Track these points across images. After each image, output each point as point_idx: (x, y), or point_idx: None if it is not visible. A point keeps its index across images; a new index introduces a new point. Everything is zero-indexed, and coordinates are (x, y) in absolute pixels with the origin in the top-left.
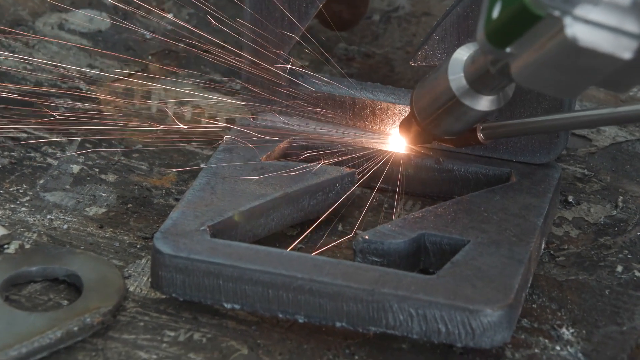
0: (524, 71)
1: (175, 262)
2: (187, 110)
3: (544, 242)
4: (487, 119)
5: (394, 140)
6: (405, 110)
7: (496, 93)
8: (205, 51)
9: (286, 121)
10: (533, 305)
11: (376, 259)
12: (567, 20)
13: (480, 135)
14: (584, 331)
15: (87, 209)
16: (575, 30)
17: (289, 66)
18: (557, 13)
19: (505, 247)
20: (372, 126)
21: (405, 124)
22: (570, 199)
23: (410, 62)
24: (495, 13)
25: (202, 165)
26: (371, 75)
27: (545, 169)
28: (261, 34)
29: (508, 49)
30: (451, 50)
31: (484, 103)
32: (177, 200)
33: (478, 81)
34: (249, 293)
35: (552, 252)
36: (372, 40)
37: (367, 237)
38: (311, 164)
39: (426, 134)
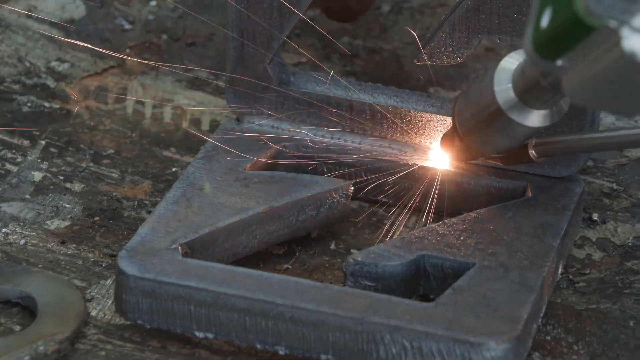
0: (577, 87)
1: (142, 284)
2: (167, 111)
3: (561, 266)
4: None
5: (436, 155)
6: (409, 114)
7: (549, 107)
8: (191, 44)
9: (275, 125)
10: (546, 337)
11: (369, 283)
12: (625, 32)
13: (532, 153)
14: None
15: (49, 221)
16: (634, 43)
17: (270, 59)
18: (613, 24)
19: (515, 271)
20: (371, 132)
21: (447, 138)
22: (595, 217)
23: (415, 61)
24: (545, 22)
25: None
26: (377, 74)
27: (566, 182)
28: (248, 25)
29: (559, 62)
30: (460, 47)
31: (534, 118)
32: (150, 213)
33: (528, 94)
34: (223, 320)
35: (571, 277)
36: (379, 33)
37: (359, 258)
38: (301, 175)
39: (471, 150)
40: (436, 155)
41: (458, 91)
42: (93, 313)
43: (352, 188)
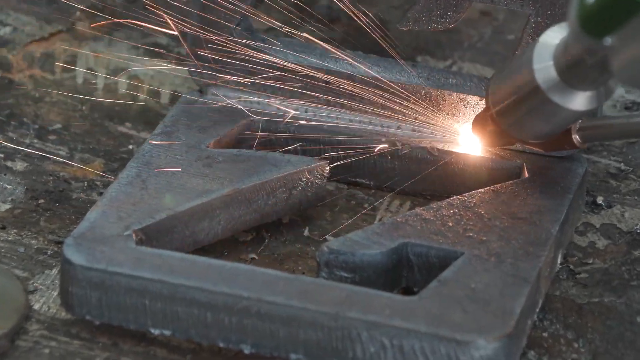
0: (627, 69)
1: (90, 275)
2: (123, 81)
3: (561, 255)
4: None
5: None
6: (392, 86)
7: (595, 88)
8: (150, 6)
9: (243, 97)
10: (543, 334)
11: (345, 275)
12: None
13: (576, 138)
14: None
15: None
16: None
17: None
18: None
19: (508, 261)
20: (350, 105)
21: (479, 121)
22: (600, 200)
23: (398, 25)
24: None
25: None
26: (359, 41)
27: (566, 162)
28: None
29: (607, 40)
30: (449, 11)
31: (578, 100)
32: (101, 195)
33: (571, 73)
34: (182, 316)
35: (571, 267)
36: None
37: (334, 246)
38: (271, 153)
39: (506, 135)
40: (419, 131)
41: (448, 60)
42: (36, 306)
43: (328, 168)
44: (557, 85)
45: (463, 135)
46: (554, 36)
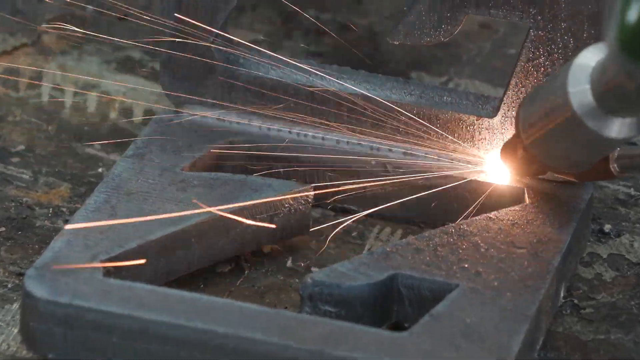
0: None
1: (53, 310)
2: (92, 99)
3: (564, 288)
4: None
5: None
6: (384, 105)
7: (635, 115)
8: (123, 17)
9: (221, 117)
10: None
11: (330, 309)
12: None
13: (614, 167)
14: None
15: None
16: None
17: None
18: None
19: (506, 294)
20: (338, 125)
21: (509, 148)
22: (607, 228)
23: (388, 39)
24: (632, 16)
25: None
26: (348, 55)
27: (570, 187)
28: None
29: None
30: (441, 23)
31: (617, 128)
32: (67, 222)
33: (609, 98)
34: (153, 354)
35: (576, 301)
36: (352, 5)
37: (319, 278)
38: (251, 177)
39: (538, 163)
40: (411, 153)
41: (444, 76)
42: None
43: (313, 193)
44: (594, 111)
45: (459, 158)
46: (591, 57)
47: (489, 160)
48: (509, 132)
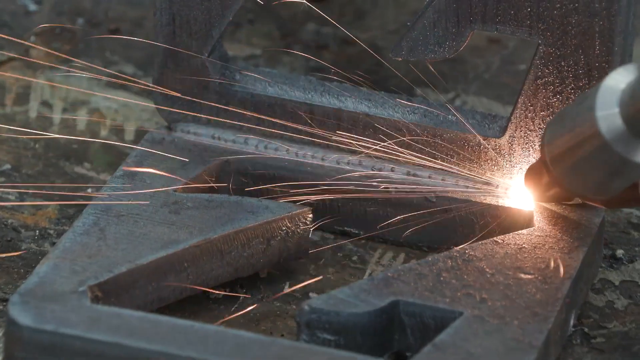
0: None
1: (38, 338)
2: (82, 116)
3: (574, 317)
4: None
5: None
6: (384, 123)
7: None
8: (114, 31)
9: (216, 135)
10: None
11: (329, 337)
12: None
13: None
14: None
15: None
16: None
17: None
18: None
19: (512, 323)
20: (338, 145)
21: (533, 173)
22: (620, 254)
23: (391, 55)
24: None
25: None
26: (350, 71)
27: (581, 210)
28: (181, 8)
29: None
30: (446, 39)
31: None
32: (54, 246)
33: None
34: None
35: (586, 330)
36: (355, 19)
37: (316, 304)
38: (247, 198)
39: (564, 190)
40: (414, 174)
41: (451, 93)
42: None
43: (312, 215)
44: (623, 136)
45: (464, 179)
46: (620, 80)
47: (495, 182)
48: (517, 153)
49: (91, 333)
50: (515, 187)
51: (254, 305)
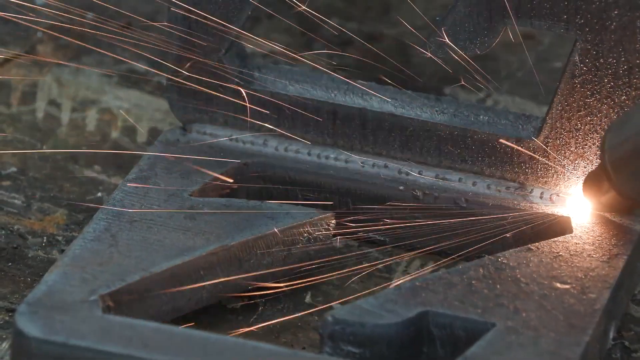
0: None
1: (47, 349)
2: (92, 116)
3: (613, 329)
4: None
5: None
6: (415, 125)
7: None
8: (125, 26)
9: (234, 136)
10: None
11: (354, 350)
12: None
13: None
14: None
15: None
16: None
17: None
18: None
19: (548, 335)
20: (361, 147)
21: (593, 181)
22: None
23: (420, 50)
24: None
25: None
26: (375, 69)
27: (620, 216)
28: (197, 2)
29: None
30: (478, 35)
31: None
32: (63, 253)
33: None
34: None
35: (627, 343)
36: (380, 14)
37: (341, 315)
38: (267, 203)
39: (626, 198)
40: (443, 178)
41: (482, 93)
42: None
43: (335, 221)
44: None
45: (496, 183)
46: None
47: (530, 186)
48: (552, 155)
49: (103, 345)
50: (550, 192)
51: (277, 320)
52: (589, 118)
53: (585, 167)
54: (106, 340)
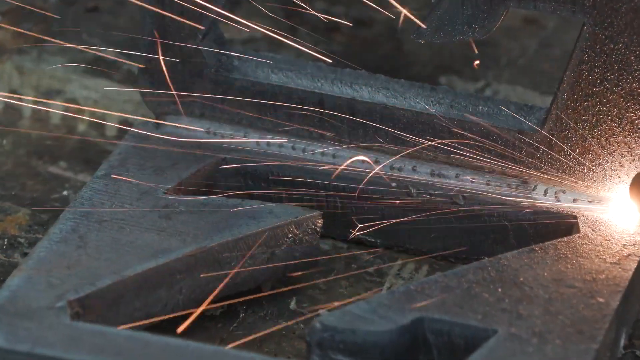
0: None
1: (11, 359)
2: (56, 107)
3: (624, 336)
4: None
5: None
6: (409, 117)
7: None
8: (92, 10)
9: (212, 129)
10: None
11: (344, 359)
12: None
13: None
14: None
15: None
16: None
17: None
18: None
19: (554, 343)
20: (350, 140)
21: None
22: None
23: (413, 37)
24: None
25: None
26: (365, 56)
27: (630, 215)
28: None
29: None
30: (477, 18)
31: None
32: (26, 256)
33: None
34: None
35: (638, 353)
36: None
37: (330, 322)
38: (248, 201)
39: None
40: (439, 174)
41: (480, 82)
42: None
43: (322, 220)
44: None
45: (496, 179)
46: None
47: (533, 182)
48: (557, 149)
49: (71, 354)
50: (555, 189)
51: (260, 330)
52: (597, 108)
53: (593, 161)
54: (75, 349)
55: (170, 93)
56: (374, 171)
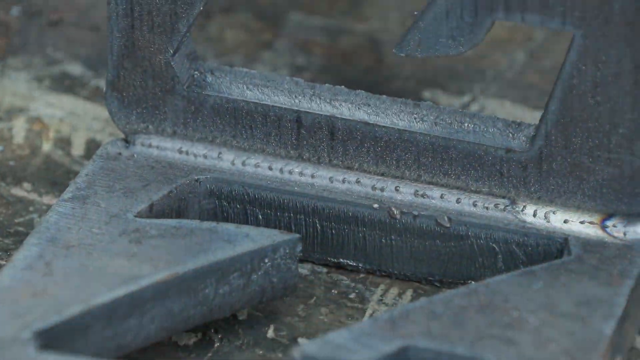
0: None
1: None
2: (20, 126)
3: None
4: None
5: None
6: (391, 135)
7: None
8: (57, 23)
9: (184, 149)
10: None
11: None
12: None
13: None
14: None
15: None
16: None
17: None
18: None
19: None
20: (329, 159)
21: None
22: None
23: (394, 50)
24: None
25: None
26: (344, 70)
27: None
28: None
29: None
30: (462, 31)
31: None
32: None
33: None
34: None
35: None
36: (350, 8)
37: (310, 351)
38: (223, 225)
39: None
40: (423, 195)
41: (466, 96)
42: None
43: (301, 244)
44: None
45: (483, 200)
46: None
47: (522, 203)
48: (548, 168)
49: None
50: (545, 210)
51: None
52: (589, 124)
53: (585, 180)
54: None
55: (141, 111)
56: (355, 192)
